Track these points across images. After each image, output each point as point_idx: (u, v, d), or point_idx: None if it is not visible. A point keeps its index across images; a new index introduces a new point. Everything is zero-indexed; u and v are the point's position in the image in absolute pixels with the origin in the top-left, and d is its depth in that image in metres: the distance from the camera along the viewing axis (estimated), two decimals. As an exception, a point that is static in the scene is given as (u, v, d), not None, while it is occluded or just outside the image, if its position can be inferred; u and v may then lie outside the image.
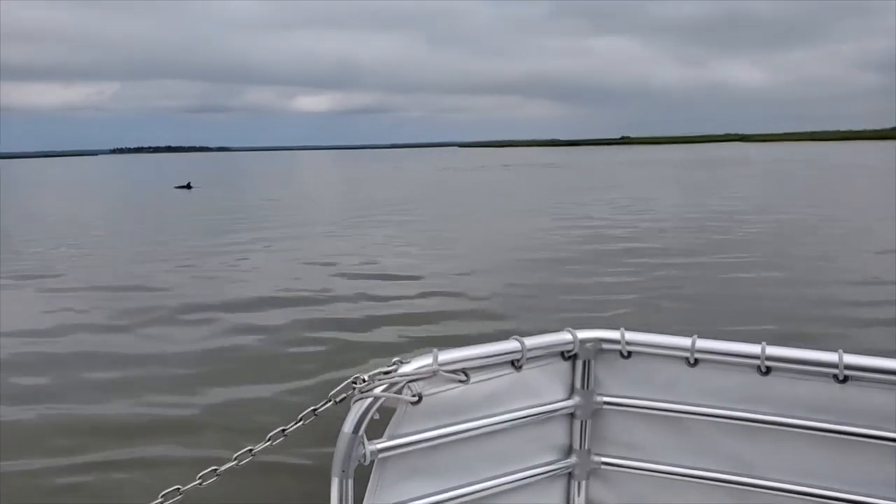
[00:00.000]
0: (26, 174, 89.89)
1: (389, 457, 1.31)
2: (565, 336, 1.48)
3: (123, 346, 8.14)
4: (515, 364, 1.41)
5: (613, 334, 1.51)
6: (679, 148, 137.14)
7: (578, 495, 1.57)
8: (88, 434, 5.63)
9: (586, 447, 1.56)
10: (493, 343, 1.41)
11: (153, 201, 32.95)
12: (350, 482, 1.26)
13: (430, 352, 1.32)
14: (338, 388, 1.31)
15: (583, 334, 1.49)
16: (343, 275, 12.07)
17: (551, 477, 1.54)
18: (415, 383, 1.31)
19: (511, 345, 1.41)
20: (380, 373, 1.29)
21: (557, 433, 1.54)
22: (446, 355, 1.33)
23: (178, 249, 15.66)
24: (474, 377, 1.36)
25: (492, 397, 1.40)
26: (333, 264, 13.05)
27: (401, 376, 1.29)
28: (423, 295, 10.21)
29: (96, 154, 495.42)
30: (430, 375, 1.31)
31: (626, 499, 1.60)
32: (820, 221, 17.79)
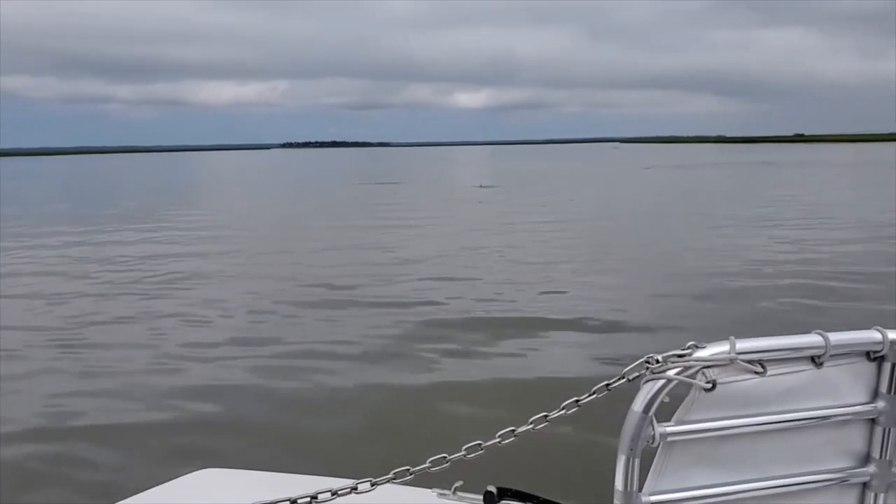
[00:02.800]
0: (219, 165, 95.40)
1: (677, 441, 1.26)
2: (874, 335, 1.33)
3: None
4: (816, 360, 1.31)
5: None
6: (867, 147, 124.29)
7: None
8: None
9: (887, 458, 1.41)
10: (794, 336, 1.30)
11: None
12: (637, 461, 1.24)
13: (727, 339, 1.25)
14: (631, 366, 1.28)
15: (894, 335, 1.34)
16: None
17: (844, 485, 1.41)
18: (709, 370, 1.24)
19: (813, 339, 1.30)
20: (674, 355, 1.24)
21: (855, 439, 1.41)
22: (744, 344, 1.25)
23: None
24: (771, 369, 1.28)
25: (788, 393, 1.31)
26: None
27: (696, 361, 1.24)
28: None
29: (268, 148, 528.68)
30: (727, 363, 1.25)
31: None
32: None
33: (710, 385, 1.25)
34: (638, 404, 1.23)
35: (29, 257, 14.99)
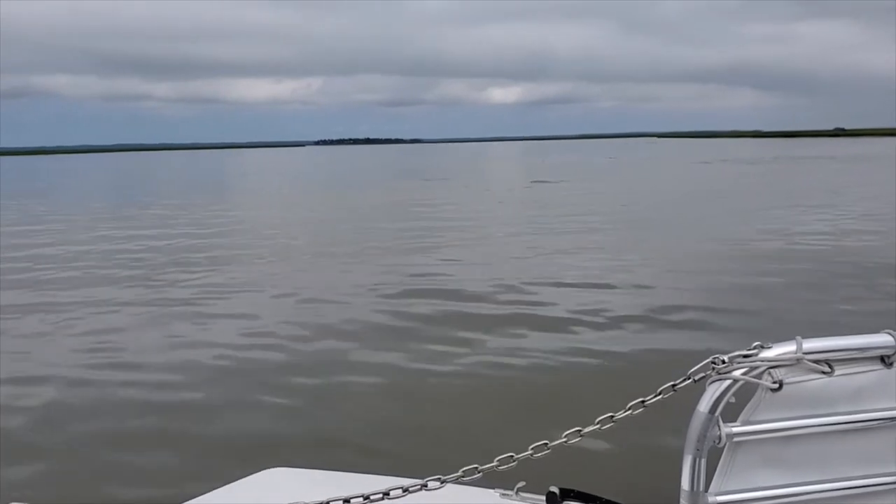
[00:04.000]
0: (267, 163, 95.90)
1: (743, 442, 1.26)
2: None
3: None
4: (885, 360, 1.29)
5: None
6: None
7: None
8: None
9: None
10: (862, 335, 1.29)
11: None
12: (703, 462, 1.24)
13: (794, 338, 1.25)
14: (696, 366, 1.28)
15: None
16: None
17: None
18: (776, 370, 1.25)
19: (883, 338, 1.29)
20: (739, 355, 1.25)
21: None
22: (811, 343, 1.25)
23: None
24: (839, 370, 1.27)
25: (856, 393, 1.29)
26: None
27: (762, 361, 1.25)
28: None
29: (303, 145, 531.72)
30: (793, 363, 1.25)
31: None
32: None
33: (776, 385, 1.24)
34: (704, 404, 1.23)
35: (110, 249, 15.21)
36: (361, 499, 1.41)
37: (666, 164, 55.92)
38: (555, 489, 1.72)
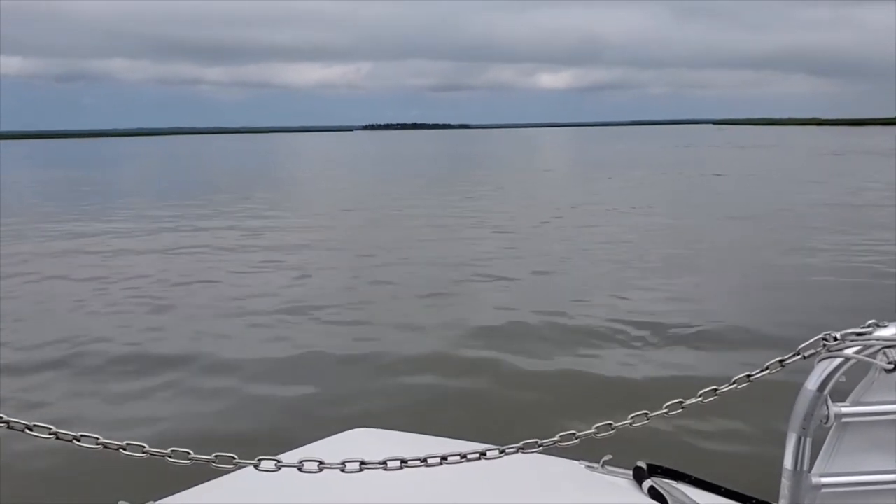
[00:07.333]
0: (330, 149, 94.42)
1: (852, 423, 1.21)
2: None
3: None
4: None
5: None
6: None
7: None
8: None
9: None
10: None
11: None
12: (808, 441, 1.19)
13: None
14: (806, 342, 1.24)
15: None
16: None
17: None
18: (891, 350, 1.18)
19: None
20: (852, 333, 1.20)
21: None
22: None
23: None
24: None
25: None
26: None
27: (876, 340, 1.19)
28: None
29: (351, 129, 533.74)
30: None
31: None
32: None
33: (891, 366, 1.18)
34: (812, 382, 1.17)
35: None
36: (458, 457, 1.38)
37: (797, 155, 44.48)
38: (642, 464, 1.63)
